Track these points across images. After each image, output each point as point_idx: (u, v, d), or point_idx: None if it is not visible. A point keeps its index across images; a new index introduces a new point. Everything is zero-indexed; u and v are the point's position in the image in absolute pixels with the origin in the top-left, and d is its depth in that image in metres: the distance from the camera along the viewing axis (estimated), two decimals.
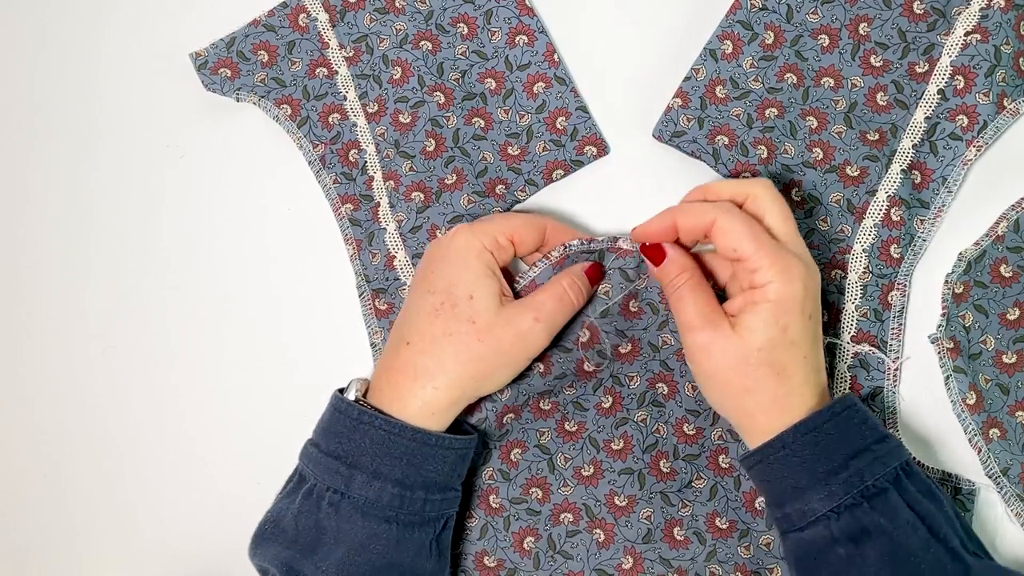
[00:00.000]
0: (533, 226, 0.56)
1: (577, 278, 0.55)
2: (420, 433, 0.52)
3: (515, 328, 0.53)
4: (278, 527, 0.53)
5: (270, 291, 0.64)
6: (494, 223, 0.55)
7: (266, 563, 0.53)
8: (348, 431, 0.52)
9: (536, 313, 0.53)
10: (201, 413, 0.64)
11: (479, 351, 0.52)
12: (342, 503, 0.51)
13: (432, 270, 0.54)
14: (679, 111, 0.58)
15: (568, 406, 0.58)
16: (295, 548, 0.52)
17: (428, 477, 0.52)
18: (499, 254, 0.55)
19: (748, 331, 0.49)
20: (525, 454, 0.59)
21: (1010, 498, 0.54)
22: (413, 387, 0.52)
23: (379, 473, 0.51)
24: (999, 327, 0.55)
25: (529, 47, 0.60)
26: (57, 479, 0.66)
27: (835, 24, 0.57)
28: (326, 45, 0.62)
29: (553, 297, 0.54)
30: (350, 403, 0.53)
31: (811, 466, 0.49)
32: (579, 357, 0.57)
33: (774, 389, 0.49)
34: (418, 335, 0.53)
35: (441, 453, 0.52)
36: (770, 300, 0.49)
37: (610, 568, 0.58)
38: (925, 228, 0.57)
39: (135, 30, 0.66)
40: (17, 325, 0.67)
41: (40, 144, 0.67)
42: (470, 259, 0.54)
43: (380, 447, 0.51)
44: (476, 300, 0.53)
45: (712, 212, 0.51)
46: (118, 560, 0.65)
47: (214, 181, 0.65)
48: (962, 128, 0.56)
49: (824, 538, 0.48)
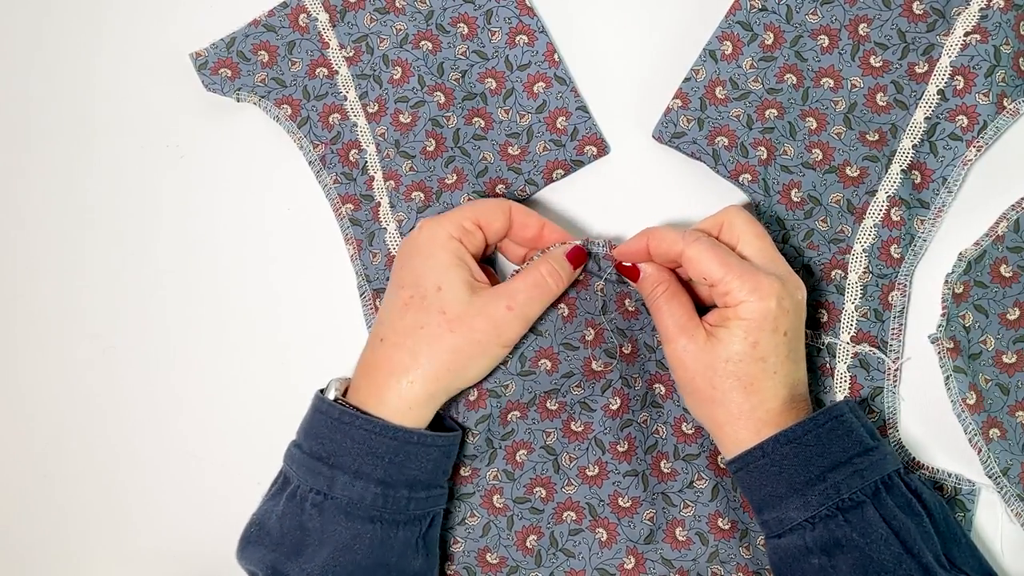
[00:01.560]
0: (497, 208, 0.55)
1: (557, 263, 0.55)
2: (401, 431, 0.52)
3: (487, 317, 0.52)
4: (263, 529, 0.53)
5: (270, 291, 0.64)
6: (457, 211, 0.55)
7: (252, 566, 0.53)
8: (329, 431, 0.52)
9: (509, 301, 0.53)
10: (201, 413, 0.64)
11: (452, 342, 0.52)
12: (325, 504, 0.51)
13: (401, 266, 0.54)
14: (679, 112, 0.58)
15: (575, 406, 0.58)
16: (280, 551, 0.52)
17: (411, 475, 0.52)
18: (466, 240, 0.54)
19: (718, 342, 0.50)
20: (531, 455, 0.59)
21: (1010, 498, 0.54)
22: (389, 382, 0.52)
23: (361, 473, 0.51)
24: (999, 327, 0.55)
25: (529, 47, 0.60)
26: (56, 479, 0.66)
27: (835, 25, 0.57)
28: (326, 45, 0.62)
29: (528, 284, 0.54)
30: (330, 403, 0.53)
31: (789, 476, 0.49)
32: (587, 356, 0.57)
33: (740, 402, 0.50)
34: (391, 330, 0.53)
35: (423, 451, 0.52)
36: (741, 318, 0.50)
37: (612, 568, 0.58)
38: (925, 228, 0.57)
39: (135, 30, 0.66)
40: (16, 325, 0.67)
41: (40, 144, 0.67)
42: (435, 249, 0.53)
43: (361, 446, 0.51)
44: (445, 291, 0.52)
45: (680, 243, 0.52)
46: (117, 560, 0.65)
47: (214, 181, 0.64)
48: (962, 128, 0.56)
49: (799, 547, 0.49)
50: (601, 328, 0.56)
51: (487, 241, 0.56)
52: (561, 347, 0.56)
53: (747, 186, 0.58)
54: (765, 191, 0.57)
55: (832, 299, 0.57)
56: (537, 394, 0.57)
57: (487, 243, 0.56)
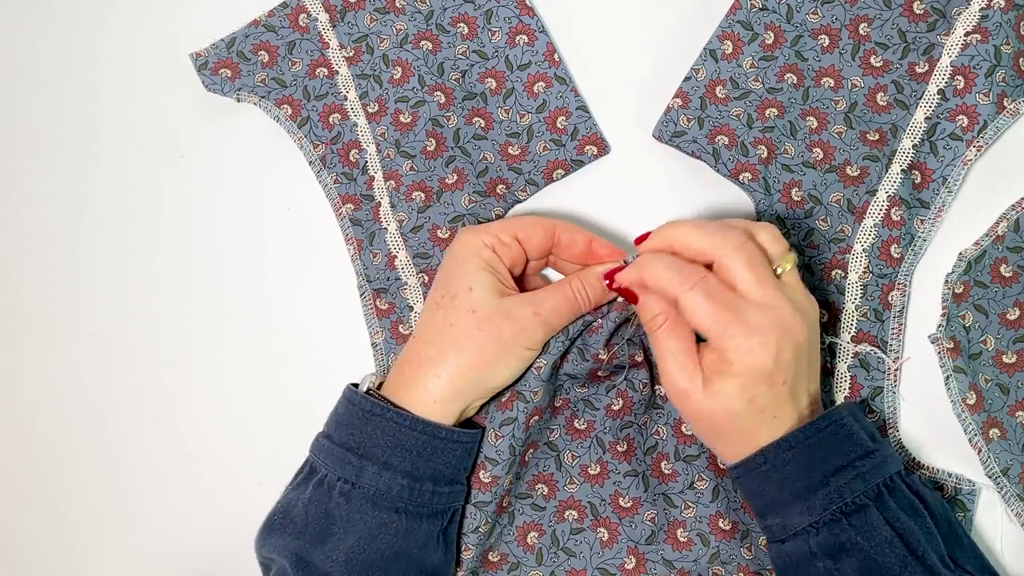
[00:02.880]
0: (538, 225, 0.56)
1: (588, 282, 0.55)
2: (430, 426, 0.53)
3: (514, 319, 0.53)
4: (287, 517, 0.54)
5: (270, 291, 0.64)
6: (497, 222, 0.57)
7: (274, 554, 0.53)
8: (360, 423, 0.53)
9: (536, 308, 0.54)
10: (201, 413, 0.64)
11: (479, 339, 0.53)
12: (352, 493, 0.52)
13: (439, 271, 0.56)
14: (679, 111, 0.58)
15: (579, 404, 0.58)
16: (304, 538, 0.53)
17: (437, 469, 0.53)
18: (501, 250, 0.55)
19: (717, 396, 0.49)
20: (535, 452, 0.59)
21: (1010, 498, 0.54)
22: (416, 375, 0.54)
23: (389, 464, 0.52)
24: (999, 327, 0.55)
25: (529, 47, 0.60)
26: (56, 479, 0.66)
27: (835, 24, 0.57)
28: (326, 45, 0.62)
29: (557, 295, 0.54)
30: (363, 396, 0.54)
31: (792, 482, 0.49)
32: (593, 367, 0.57)
33: (741, 440, 0.51)
34: (423, 328, 0.55)
35: (449, 446, 0.54)
36: (736, 375, 0.49)
37: (612, 568, 0.58)
38: (925, 228, 0.57)
39: (135, 31, 0.66)
40: (16, 325, 0.67)
41: (40, 144, 0.67)
42: (469, 255, 0.55)
43: (391, 439, 0.53)
44: (475, 291, 0.54)
45: (676, 287, 0.49)
46: (117, 560, 0.65)
47: (214, 181, 0.64)
48: (962, 128, 0.56)
49: (804, 552, 0.49)
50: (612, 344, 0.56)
51: (527, 256, 0.56)
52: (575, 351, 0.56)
53: (747, 185, 0.58)
54: (766, 190, 0.57)
55: (832, 299, 0.57)
56: (552, 397, 0.58)
57: (528, 258, 0.57)
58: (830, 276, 0.57)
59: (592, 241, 0.56)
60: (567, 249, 0.56)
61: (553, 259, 0.58)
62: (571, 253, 0.57)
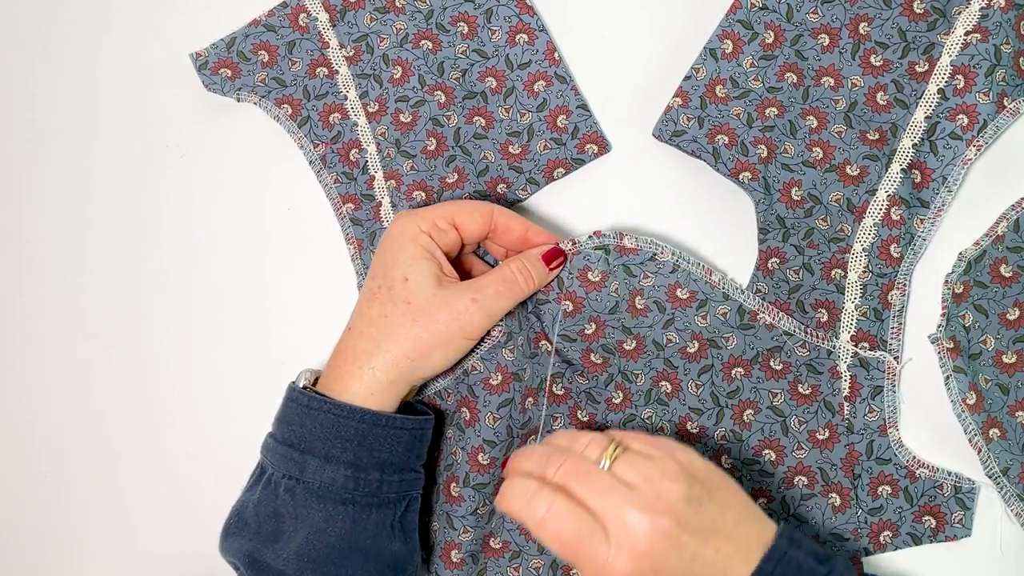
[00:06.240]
0: (475, 210, 0.56)
1: (529, 262, 0.55)
2: (368, 414, 0.53)
3: (451, 308, 0.53)
4: (241, 520, 0.54)
5: (270, 291, 0.64)
6: (433, 207, 0.56)
7: (233, 557, 0.54)
8: (300, 418, 0.53)
9: (475, 294, 0.53)
10: (200, 413, 0.64)
11: (413, 331, 0.53)
12: (297, 488, 0.53)
13: (375, 258, 0.56)
14: (679, 110, 0.58)
15: (581, 395, 0.59)
16: (257, 539, 0.53)
17: (381, 458, 0.53)
18: (438, 236, 0.55)
19: None
20: (538, 440, 0.59)
21: (1010, 498, 0.54)
22: (352, 369, 0.53)
23: (331, 456, 0.52)
24: (999, 327, 0.55)
25: (529, 45, 0.60)
26: (55, 479, 0.66)
27: (835, 23, 0.57)
28: (326, 45, 0.62)
29: (496, 280, 0.54)
30: (300, 391, 0.54)
31: None
32: (584, 348, 0.57)
33: None
34: (357, 319, 0.55)
35: (393, 433, 0.53)
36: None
37: None
38: (925, 228, 0.57)
39: (135, 31, 0.66)
40: (16, 325, 0.67)
41: (40, 144, 0.67)
42: (405, 242, 0.54)
43: (330, 431, 0.52)
44: (411, 282, 0.53)
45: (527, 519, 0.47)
46: (116, 560, 0.65)
47: (214, 181, 0.64)
48: (962, 127, 0.56)
49: None
50: (603, 324, 0.56)
51: (463, 241, 0.56)
52: (558, 338, 0.57)
53: (747, 184, 0.58)
54: (765, 189, 0.57)
55: (832, 298, 0.57)
56: (543, 378, 0.58)
57: (463, 243, 0.56)
58: (830, 275, 0.57)
59: (528, 229, 0.56)
60: (503, 235, 0.56)
61: (487, 242, 0.58)
62: (507, 239, 0.57)
